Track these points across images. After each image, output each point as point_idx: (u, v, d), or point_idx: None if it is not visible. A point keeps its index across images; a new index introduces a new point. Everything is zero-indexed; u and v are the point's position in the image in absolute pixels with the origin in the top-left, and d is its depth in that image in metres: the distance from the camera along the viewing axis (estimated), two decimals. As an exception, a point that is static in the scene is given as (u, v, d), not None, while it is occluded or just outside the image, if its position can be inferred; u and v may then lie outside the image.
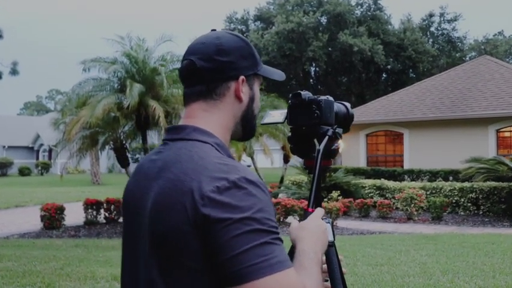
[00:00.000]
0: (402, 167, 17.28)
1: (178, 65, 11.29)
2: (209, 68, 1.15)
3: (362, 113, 18.74)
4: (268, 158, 21.18)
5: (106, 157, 11.91)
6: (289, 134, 1.62)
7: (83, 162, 12.59)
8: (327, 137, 1.52)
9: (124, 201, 1.21)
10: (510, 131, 15.84)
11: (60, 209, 11.03)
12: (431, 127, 16.66)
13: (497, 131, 15.66)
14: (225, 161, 1.05)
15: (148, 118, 10.37)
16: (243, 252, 0.94)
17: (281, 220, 11.80)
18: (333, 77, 37.12)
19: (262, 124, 1.63)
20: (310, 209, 1.47)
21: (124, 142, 11.59)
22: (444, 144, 16.26)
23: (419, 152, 16.87)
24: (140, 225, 1.09)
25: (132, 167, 17.23)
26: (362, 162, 18.24)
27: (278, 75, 1.33)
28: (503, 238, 9.08)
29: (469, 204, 12.80)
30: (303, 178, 15.75)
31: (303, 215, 1.49)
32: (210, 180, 0.99)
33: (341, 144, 1.58)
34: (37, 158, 45.67)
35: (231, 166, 1.03)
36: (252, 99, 1.23)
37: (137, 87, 9.58)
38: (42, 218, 10.93)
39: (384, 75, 38.87)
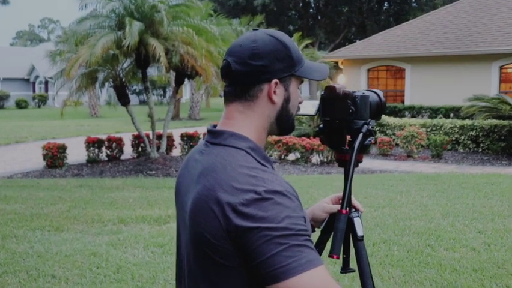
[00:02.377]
0: (403, 102, 17.22)
1: (177, 1, 10.98)
2: (242, 72, 1.20)
3: (364, 48, 18.43)
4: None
5: (106, 93, 11.76)
6: (321, 125, 1.58)
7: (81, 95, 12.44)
8: (361, 134, 1.48)
9: (175, 190, 1.35)
10: (514, 67, 15.66)
11: (62, 148, 11.07)
12: (434, 63, 16.43)
13: (501, 68, 15.47)
14: (255, 172, 1.12)
15: (148, 56, 10.15)
16: (273, 255, 1.03)
17: (282, 158, 11.90)
18: (333, 7, 36.17)
19: None
20: (344, 211, 1.45)
21: (123, 80, 11.41)
22: (446, 81, 16.12)
23: (420, 88, 16.75)
24: (184, 218, 1.22)
25: (133, 99, 17.10)
26: (362, 98, 18.14)
27: (319, 74, 1.30)
28: (502, 178, 9.19)
29: (469, 141, 12.87)
30: (303, 114, 15.73)
31: (337, 216, 1.47)
32: (239, 192, 1.08)
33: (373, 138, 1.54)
34: (33, 91, 45.33)
35: (259, 178, 1.10)
36: (287, 100, 1.25)
37: (137, 26, 9.29)
38: (45, 156, 10.98)
39: (386, 4, 37.90)
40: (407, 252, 5.17)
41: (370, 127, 1.52)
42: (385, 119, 14.39)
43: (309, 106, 1.53)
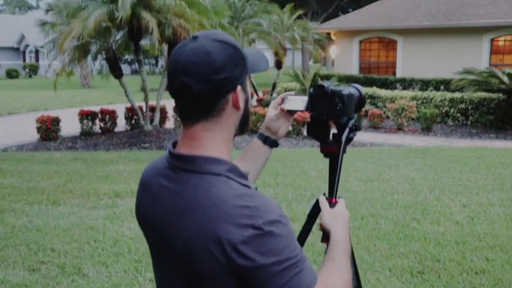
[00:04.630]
0: (394, 74, 17.32)
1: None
2: (207, 90, 1.12)
3: (357, 19, 18.40)
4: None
5: (99, 64, 11.79)
6: (309, 120, 1.71)
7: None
8: (348, 129, 1.62)
9: (141, 220, 1.28)
10: (505, 40, 15.74)
11: (56, 121, 11.12)
12: (425, 35, 16.46)
13: (492, 40, 15.55)
14: (246, 201, 1.09)
15: (140, 29, 10.15)
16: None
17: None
18: (327, -25, 35.76)
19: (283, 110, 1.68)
20: (334, 200, 1.60)
21: (116, 52, 11.42)
22: (438, 53, 16.20)
23: (412, 60, 16.83)
24: (171, 253, 1.16)
25: (125, 69, 16.84)
26: (354, 69, 18.23)
27: (263, 64, 1.27)
28: (488, 152, 9.40)
29: (458, 114, 13.06)
30: (296, 85, 15.82)
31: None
32: (236, 228, 1.05)
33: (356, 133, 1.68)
34: (24, 60, 44.81)
35: (252, 208, 1.08)
36: (247, 101, 1.22)
37: (129, -2, 9.29)
38: (39, 129, 11.05)
39: (379, -27, 37.52)
40: (393, 225, 5.38)
41: (354, 121, 1.66)
42: (376, 91, 14.52)
43: (298, 102, 1.64)
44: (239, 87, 1.16)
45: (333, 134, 1.69)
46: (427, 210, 5.87)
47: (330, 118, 1.66)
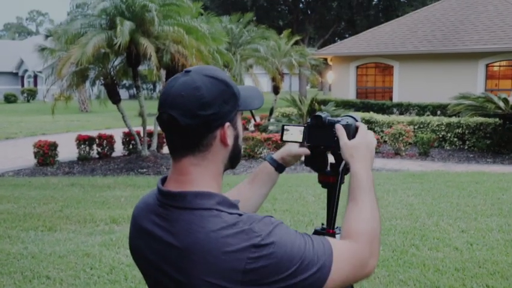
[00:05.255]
0: (391, 99, 17.43)
1: (169, 0, 11.03)
2: (194, 125, 1.12)
3: (353, 45, 18.60)
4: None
5: (97, 89, 11.87)
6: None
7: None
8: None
9: (136, 256, 1.27)
10: (500, 66, 15.90)
11: (53, 146, 11.12)
12: (421, 60, 16.64)
13: (487, 66, 15.71)
14: (240, 227, 1.09)
15: (139, 55, 10.23)
16: (310, 276, 1.09)
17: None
18: (323, 1, 36.27)
19: (281, 141, 1.69)
20: (331, 231, 1.58)
21: (114, 78, 11.48)
22: (434, 78, 16.35)
23: (408, 86, 16.96)
24: (167, 283, 1.15)
25: (122, 93, 16.94)
26: (351, 94, 18.34)
27: (258, 101, 1.27)
28: (486, 177, 9.40)
29: (455, 139, 13.10)
30: (293, 110, 15.87)
31: (325, 236, 1.60)
32: (239, 254, 1.05)
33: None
34: (22, 85, 45.00)
35: (248, 230, 1.08)
36: (237, 138, 1.22)
37: (128, 25, 9.37)
38: (36, 154, 11.03)
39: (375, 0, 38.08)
40: (392, 252, 5.33)
41: None
42: (373, 116, 14.58)
43: (296, 133, 1.63)
44: (227, 124, 1.17)
45: (331, 164, 1.69)
46: (426, 236, 5.84)
47: (328, 149, 1.65)
